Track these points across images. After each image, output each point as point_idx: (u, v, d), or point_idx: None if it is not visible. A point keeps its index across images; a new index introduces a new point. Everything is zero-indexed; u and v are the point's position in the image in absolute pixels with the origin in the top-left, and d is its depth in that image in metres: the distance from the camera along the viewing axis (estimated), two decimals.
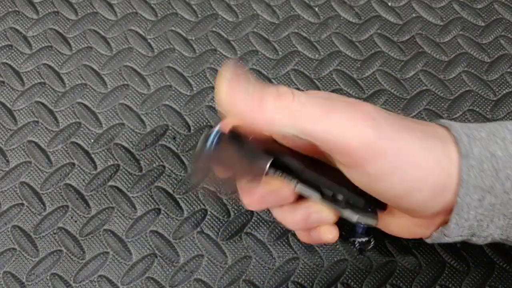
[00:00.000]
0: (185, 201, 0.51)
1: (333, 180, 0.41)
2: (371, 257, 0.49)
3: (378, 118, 0.37)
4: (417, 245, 0.49)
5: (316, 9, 0.59)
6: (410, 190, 0.38)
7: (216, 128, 0.40)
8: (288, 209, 0.43)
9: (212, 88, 0.56)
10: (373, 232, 0.46)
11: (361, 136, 0.37)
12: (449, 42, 0.57)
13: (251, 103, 0.37)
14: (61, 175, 0.53)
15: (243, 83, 0.37)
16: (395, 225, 0.44)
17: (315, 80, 0.56)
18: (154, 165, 0.53)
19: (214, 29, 0.59)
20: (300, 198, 0.42)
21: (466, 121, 0.53)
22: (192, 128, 0.54)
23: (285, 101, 0.37)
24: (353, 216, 0.42)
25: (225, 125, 0.41)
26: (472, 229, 0.40)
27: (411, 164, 0.37)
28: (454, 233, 0.40)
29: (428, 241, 0.43)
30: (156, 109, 0.55)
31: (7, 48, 0.58)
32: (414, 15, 0.58)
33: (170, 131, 0.54)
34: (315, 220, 0.43)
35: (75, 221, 0.51)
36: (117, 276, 0.49)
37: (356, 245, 0.48)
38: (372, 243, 0.47)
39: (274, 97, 0.37)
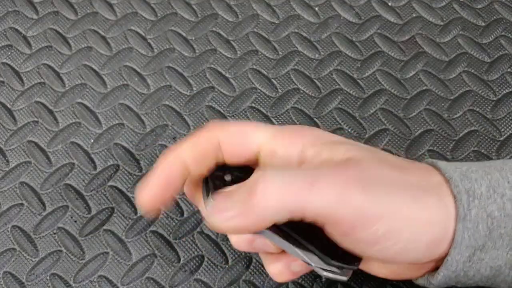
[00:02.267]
0: (185, 202, 0.51)
1: (305, 239, 0.39)
2: None
3: (366, 182, 0.36)
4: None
5: (316, 9, 0.59)
6: (405, 250, 0.37)
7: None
8: (271, 258, 0.42)
9: (212, 88, 0.56)
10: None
11: (351, 206, 0.35)
12: (449, 42, 0.57)
13: (237, 212, 0.36)
14: (61, 175, 0.52)
15: (223, 205, 0.36)
16: (381, 269, 0.43)
17: (315, 80, 0.56)
18: (154, 165, 0.53)
19: (214, 29, 0.58)
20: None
21: (466, 121, 0.53)
22: (192, 128, 0.54)
23: (254, 196, 0.35)
24: (321, 273, 0.39)
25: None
26: (458, 278, 0.39)
27: (406, 226, 0.36)
28: (440, 283, 0.40)
29: (415, 282, 0.42)
30: (156, 109, 0.55)
31: (7, 48, 0.58)
32: (414, 15, 0.58)
33: (170, 131, 0.54)
34: (295, 267, 0.42)
35: (75, 221, 0.51)
36: (117, 276, 0.49)
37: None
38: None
39: (245, 197, 0.35)
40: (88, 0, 0.60)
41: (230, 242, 0.49)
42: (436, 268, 0.39)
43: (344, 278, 0.39)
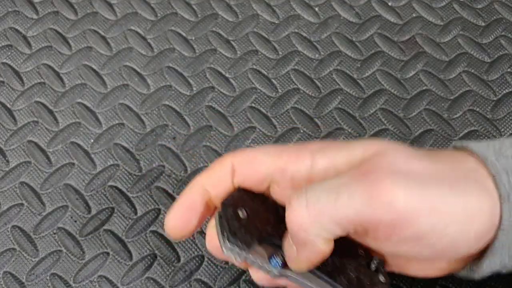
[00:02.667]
0: None
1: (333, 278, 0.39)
2: None
3: (396, 176, 0.34)
4: None
5: (316, 9, 0.59)
6: (453, 244, 0.36)
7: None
8: None
9: (212, 88, 0.56)
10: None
11: (384, 206, 0.34)
12: (449, 42, 0.57)
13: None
14: (61, 175, 0.52)
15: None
16: (420, 268, 0.41)
17: (315, 80, 0.56)
18: (154, 165, 0.53)
19: (214, 29, 0.58)
20: None
21: (466, 121, 0.53)
22: (192, 128, 0.54)
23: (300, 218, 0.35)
24: None
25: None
26: (504, 263, 0.38)
27: (450, 219, 0.34)
28: (485, 271, 0.38)
29: (457, 275, 0.41)
30: (156, 109, 0.55)
31: (7, 48, 0.58)
32: (414, 15, 0.58)
33: (170, 131, 0.54)
34: None
35: (75, 221, 0.51)
36: (117, 276, 0.49)
37: None
38: None
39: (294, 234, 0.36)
40: (88, 0, 0.60)
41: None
42: (478, 256, 0.38)
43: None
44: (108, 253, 0.50)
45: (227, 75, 0.56)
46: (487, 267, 0.38)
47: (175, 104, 0.55)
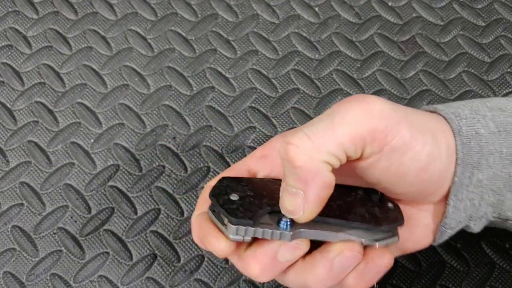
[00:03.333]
0: (185, 201, 0.51)
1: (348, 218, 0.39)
2: None
3: (380, 99, 0.39)
4: None
5: (316, 9, 0.59)
6: (430, 159, 0.39)
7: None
8: (303, 265, 0.40)
9: (212, 88, 0.56)
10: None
11: (375, 117, 0.37)
12: (449, 42, 0.57)
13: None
14: (61, 175, 0.52)
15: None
16: (409, 244, 0.43)
17: (315, 80, 0.56)
18: (154, 165, 0.53)
19: (214, 29, 0.58)
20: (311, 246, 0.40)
21: None
22: (192, 128, 0.54)
23: (302, 143, 0.37)
24: (375, 245, 0.39)
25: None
26: (467, 211, 0.41)
27: (417, 132, 0.39)
28: (453, 220, 0.41)
29: (434, 243, 0.43)
30: (156, 109, 0.55)
31: (7, 48, 0.58)
32: (414, 15, 0.58)
33: (170, 131, 0.54)
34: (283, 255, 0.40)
35: (75, 221, 0.51)
36: (117, 276, 0.49)
37: None
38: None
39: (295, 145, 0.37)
40: (88, 0, 0.60)
41: None
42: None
43: (397, 239, 0.40)
44: (108, 253, 0.50)
45: (227, 75, 0.56)
46: (454, 213, 0.40)
47: (175, 104, 0.55)
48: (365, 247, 0.39)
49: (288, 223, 0.38)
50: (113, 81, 0.56)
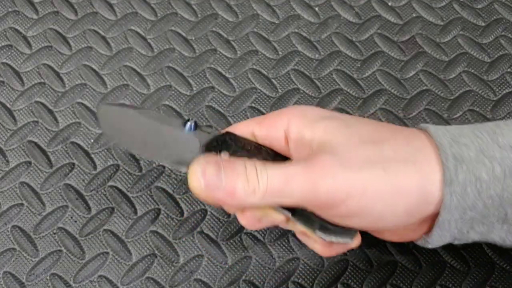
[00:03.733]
0: (185, 201, 0.51)
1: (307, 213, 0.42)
2: (371, 257, 0.49)
3: (337, 168, 0.39)
4: (417, 245, 0.49)
5: (316, 9, 0.59)
6: (382, 219, 0.40)
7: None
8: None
9: (212, 88, 0.56)
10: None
11: (322, 192, 0.38)
12: (449, 42, 0.57)
13: (225, 195, 0.40)
14: (61, 175, 0.52)
15: (214, 173, 0.40)
16: (387, 234, 0.45)
17: (315, 80, 0.56)
18: (154, 165, 0.53)
19: (214, 29, 0.58)
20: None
21: (466, 121, 0.53)
22: None
23: (252, 186, 0.39)
24: (330, 238, 0.43)
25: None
26: (454, 236, 0.41)
27: (376, 200, 0.39)
28: (436, 242, 0.41)
29: (416, 243, 0.44)
30: (156, 109, 0.55)
31: (7, 48, 0.58)
32: (414, 15, 0.58)
33: None
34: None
35: (75, 221, 0.51)
36: (117, 276, 0.49)
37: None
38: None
39: (244, 184, 0.39)
40: (88, 0, 0.60)
41: (230, 241, 0.49)
42: (432, 228, 0.41)
43: (349, 241, 0.42)
44: (108, 253, 0.50)
45: (227, 75, 0.56)
46: (438, 240, 0.41)
47: (175, 104, 0.55)
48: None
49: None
50: (113, 81, 0.56)
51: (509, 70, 0.56)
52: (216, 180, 0.40)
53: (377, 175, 0.38)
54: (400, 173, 0.39)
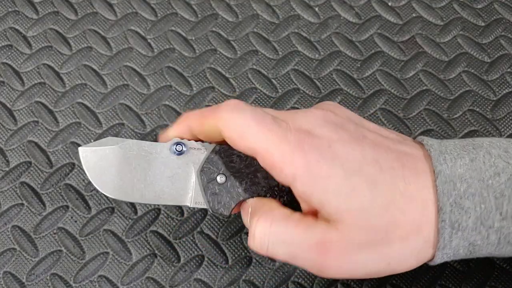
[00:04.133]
0: None
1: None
2: None
3: (342, 254, 0.39)
4: None
5: (316, 9, 0.59)
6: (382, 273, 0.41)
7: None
8: None
9: (212, 88, 0.56)
10: None
11: (328, 273, 0.39)
12: (449, 42, 0.57)
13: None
14: (61, 175, 0.53)
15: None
16: None
17: (315, 80, 0.56)
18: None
19: (214, 29, 0.58)
20: None
21: (466, 121, 0.53)
22: None
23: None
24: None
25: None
26: (449, 256, 0.41)
27: (374, 275, 0.40)
28: (439, 262, 0.41)
29: None
30: (156, 109, 0.55)
31: (7, 48, 0.58)
32: (414, 15, 0.58)
33: None
34: None
35: (75, 221, 0.51)
36: (117, 276, 0.49)
37: None
38: None
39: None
40: (88, 0, 0.60)
41: (230, 241, 0.49)
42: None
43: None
44: (108, 253, 0.50)
45: (227, 75, 0.56)
46: (440, 260, 0.41)
47: (175, 104, 0.55)
48: None
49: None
50: (113, 81, 0.56)
51: (509, 70, 0.56)
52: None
53: (380, 266, 0.39)
54: (403, 263, 0.40)
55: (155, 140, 0.54)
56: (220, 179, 0.43)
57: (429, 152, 0.40)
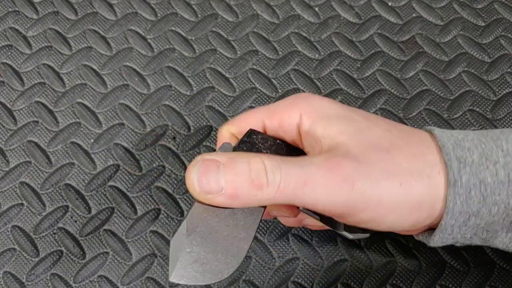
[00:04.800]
0: (185, 201, 0.51)
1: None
2: (371, 257, 0.49)
3: (353, 178, 0.38)
4: (417, 245, 0.49)
5: (316, 9, 0.59)
6: (392, 227, 0.40)
7: None
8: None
9: (212, 88, 0.56)
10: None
11: (339, 202, 0.38)
12: (449, 42, 0.57)
13: (226, 200, 0.37)
14: (61, 175, 0.52)
15: (213, 178, 0.37)
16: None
17: (315, 80, 0.56)
18: (154, 165, 0.53)
19: (214, 29, 0.58)
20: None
21: (466, 121, 0.53)
22: (192, 128, 0.54)
23: (259, 190, 0.37)
24: (354, 236, 0.44)
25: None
26: (456, 239, 0.41)
27: (390, 212, 0.39)
28: (437, 243, 0.41)
29: (416, 238, 0.44)
30: (156, 109, 0.55)
31: (7, 48, 0.58)
32: (414, 15, 0.58)
33: (170, 131, 0.54)
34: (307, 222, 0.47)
35: (75, 221, 0.51)
36: (117, 276, 0.49)
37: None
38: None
39: (249, 187, 0.37)
40: (88, 0, 0.60)
41: None
42: (436, 225, 0.40)
43: (368, 235, 0.45)
44: (108, 253, 0.50)
45: (227, 75, 0.56)
46: (439, 241, 0.41)
47: (175, 104, 0.55)
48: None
49: None
50: (113, 81, 0.56)
51: (509, 70, 0.56)
52: (215, 186, 0.37)
53: (393, 189, 0.38)
54: (414, 188, 0.38)
55: (156, 139, 0.54)
56: (227, 149, 0.42)
57: (431, 131, 0.41)
